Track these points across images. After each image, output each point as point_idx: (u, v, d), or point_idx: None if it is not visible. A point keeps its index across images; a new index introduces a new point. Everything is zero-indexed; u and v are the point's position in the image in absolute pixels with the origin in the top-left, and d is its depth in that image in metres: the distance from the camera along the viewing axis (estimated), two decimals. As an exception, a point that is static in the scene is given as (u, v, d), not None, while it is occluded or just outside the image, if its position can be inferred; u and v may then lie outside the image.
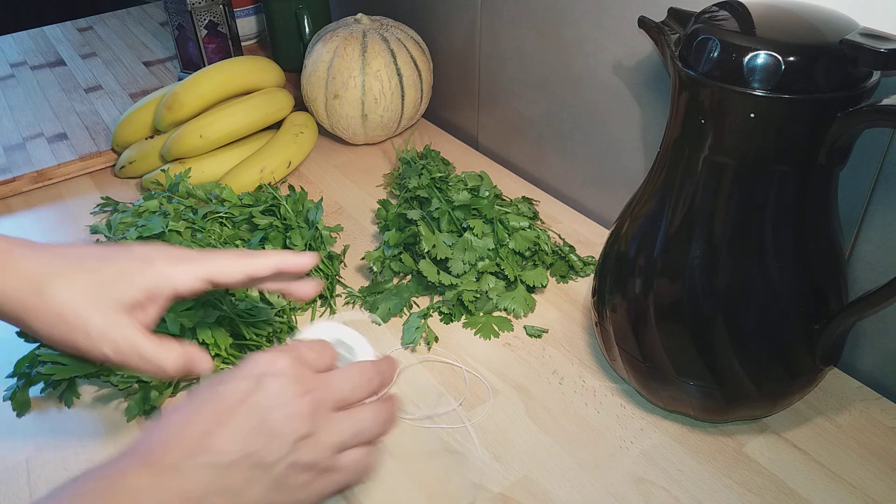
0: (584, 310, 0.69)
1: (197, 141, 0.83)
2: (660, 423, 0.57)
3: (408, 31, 0.93)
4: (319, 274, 0.69)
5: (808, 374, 0.53)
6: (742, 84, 0.44)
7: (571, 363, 0.63)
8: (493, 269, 0.68)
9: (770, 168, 0.46)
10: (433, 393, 0.60)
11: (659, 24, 0.52)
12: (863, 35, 0.43)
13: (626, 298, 0.54)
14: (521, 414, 0.58)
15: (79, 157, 0.92)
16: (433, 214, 0.71)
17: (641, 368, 0.55)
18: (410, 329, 0.65)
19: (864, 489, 0.52)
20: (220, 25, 1.04)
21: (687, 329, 0.51)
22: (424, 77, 0.92)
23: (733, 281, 0.49)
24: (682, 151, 0.49)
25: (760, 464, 0.54)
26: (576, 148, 0.82)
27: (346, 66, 0.87)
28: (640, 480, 0.53)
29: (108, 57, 1.22)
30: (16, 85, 1.13)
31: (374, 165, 0.93)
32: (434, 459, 0.55)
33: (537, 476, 0.54)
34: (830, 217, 0.50)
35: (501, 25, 0.86)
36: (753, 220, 0.48)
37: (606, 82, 0.75)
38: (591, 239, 0.78)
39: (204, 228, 0.69)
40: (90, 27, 1.36)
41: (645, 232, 0.53)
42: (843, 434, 0.56)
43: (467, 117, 0.99)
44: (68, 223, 0.83)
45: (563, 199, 0.85)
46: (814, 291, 0.50)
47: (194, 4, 1.00)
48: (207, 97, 0.86)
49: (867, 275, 0.58)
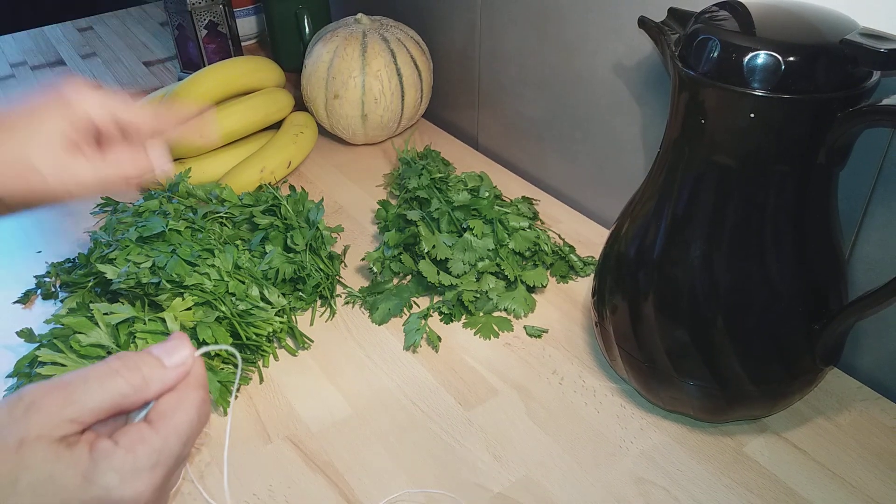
0: (584, 310, 0.69)
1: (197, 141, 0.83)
2: (660, 423, 0.57)
3: (408, 31, 0.93)
4: (320, 274, 0.69)
5: (808, 374, 0.53)
6: (742, 84, 0.44)
7: (571, 363, 0.63)
8: (493, 270, 0.68)
9: (770, 168, 0.46)
10: (431, 391, 0.60)
11: (659, 24, 0.52)
12: (863, 35, 0.43)
13: (626, 298, 0.54)
14: (521, 414, 0.58)
15: (79, 157, 0.92)
16: (433, 215, 0.71)
17: (641, 368, 0.55)
18: (411, 331, 0.65)
19: (864, 489, 0.52)
20: (220, 25, 1.04)
21: (687, 329, 0.51)
22: (424, 77, 0.92)
23: (733, 281, 0.49)
24: (682, 151, 0.49)
25: (760, 464, 0.54)
26: (576, 148, 0.82)
27: (346, 66, 0.87)
28: (640, 480, 0.53)
29: (108, 57, 1.22)
30: (16, 85, 1.13)
31: (374, 165, 0.92)
32: None
33: (537, 476, 0.54)
34: (830, 217, 0.50)
35: (501, 25, 0.86)
36: (753, 220, 0.48)
37: (606, 82, 0.75)
38: (591, 239, 0.78)
39: (204, 228, 0.69)
40: (90, 27, 1.36)
41: (645, 232, 0.53)
42: (843, 434, 0.56)
43: (467, 117, 0.99)
44: (68, 223, 0.83)
45: (564, 199, 0.85)
46: (814, 291, 0.50)
47: (194, 4, 1.00)
48: (207, 97, 0.86)
49: (867, 275, 0.58)
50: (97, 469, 0.33)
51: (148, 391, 0.36)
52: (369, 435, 0.57)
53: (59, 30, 1.35)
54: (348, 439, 0.57)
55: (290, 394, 0.61)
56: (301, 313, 0.69)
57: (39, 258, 0.77)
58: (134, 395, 0.35)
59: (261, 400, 0.60)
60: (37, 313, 0.70)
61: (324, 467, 0.55)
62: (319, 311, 0.69)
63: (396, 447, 0.56)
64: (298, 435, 0.57)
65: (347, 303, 0.70)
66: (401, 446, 0.56)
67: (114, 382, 0.35)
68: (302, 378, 0.62)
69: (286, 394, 0.61)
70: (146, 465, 0.34)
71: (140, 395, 0.36)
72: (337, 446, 0.56)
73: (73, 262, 0.72)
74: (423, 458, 0.55)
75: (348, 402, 0.60)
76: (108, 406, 0.35)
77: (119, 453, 0.34)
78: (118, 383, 0.35)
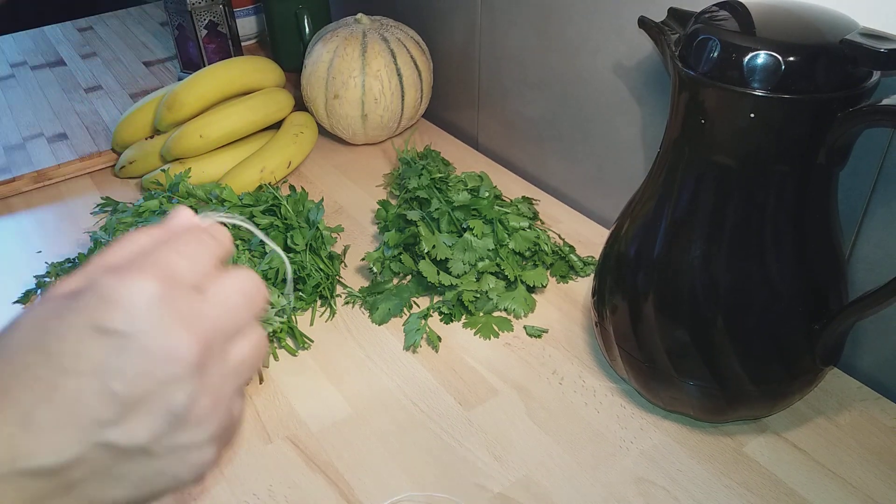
0: (584, 310, 0.69)
1: (197, 141, 0.83)
2: (660, 423, 0.57)
3: (408, 31, 0.93)
4: (320, 274, 0.69)
5: (808, 374, 0.53)
6: (742, 84, 0.44)
7: (571, 363, 0.63)
8: (493, 270, 0.68)
9: (770, 168, 0.46)
10: (431, 391, 0.60)
11: (659, 24, 0.52)
12: (863, 35, 0.43)
13: (626, 298, 0.54)
14: (521, 414, 0.58)
15: (79, 158, 0.92)
16: (433, 215, 0.71)
17: (641, 368, 0.55)
18: (411, 331, 0.65)
19: (864, 489, 0.52)
20: (220, 25, 1.04)
21: (687, 329, 0.51)
22: (424, 77, 0.92)
23: (733, 281, 0.49)
24: (682, 151, 0.49)
25: (760, 464, 0.54)
26: (576, 148, 0.82)
27: (346, 66, 0.87)
28: (640, 480, 0.53)
29: (108, 57, 1.22)
30: (16, 85, 1.13)
31: (374, 165, 0.92)
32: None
33: (537, 476, 0.54)
34: (830, 217, 0.50)
35: (502, 25, 0.86)
36: (753, 220, 0.48)
37: (606, 82, 0.75)
38: (591, 239, 0.78)
39: (204, 228, 0.69)
40: (90, 27, 1.36)
41: (645, 232, 0.53)
42: (843, 434, 0.56)
43: (467, 117, 0.99)
44: (68, 223, 0.83)
45: (564, 199, 0.85)
46: (814, 291, 0.50)
47: (194, 4, 1.00)
48: (207, 97, 0.86)
49: (867, 275, 0.58)
50: (88, 281, 0.29)
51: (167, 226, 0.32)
52: (369, 435, 0.57)
53: (59, 30, 1.35)
54: (348, 439, 0.57)
55: (290, 394, 0.61)
56: (301, 313, 0.69)
57: (39, 258, 0.77)
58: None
59: (261, 400, 0.60)
60: (37, 313, 0.70)
61: (324, 467, 0.55)
62: (319, 311, 0.69)
63: (396, 447, 0.56)
64: (298, 435, 0.57)
65: (347, 303, 0.70)
66: (401, 446, 0.56)
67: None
68: (302, 378, 0.62)
69: (286, 394, 0.61)
70: (139, 264, 0.29)
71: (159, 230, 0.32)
72: (337, 446, 0.56)
73: (73, 262, 0.72)
74: (422, 458, 0.55)
75: (348, 402, 0.60)
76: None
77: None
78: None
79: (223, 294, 0.31)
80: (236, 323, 0.31)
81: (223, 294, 0.31)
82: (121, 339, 0.27)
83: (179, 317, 0.28)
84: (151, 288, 0.28)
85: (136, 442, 0.28)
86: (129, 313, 0.28)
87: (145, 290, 0.28)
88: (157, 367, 0.28)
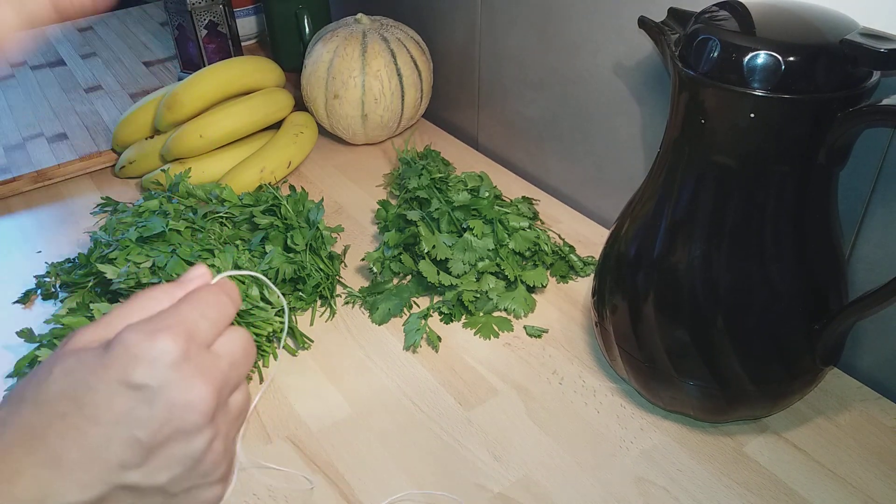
0: (584, 310, 0.69)
1: (197, 141, 0.83)
2: (660, 423, 0.57)
3: (408, 31, 0.93)
4: (320, 274, 0.69)
5: (808, 374, 0.53)
6: (742, 84, 0.44)
7: (571, 363, 0.63)
8: (493, 270, 0.68)
9: (770, 168, 0.46)
10: (431, 391, 0.60)
11: (659, 24, 0.52)
12: (863, 35, 0.43)
13: (626, 298, 0.54)
14: (521, 414, 0.58)
15: (79, 157, 0.92)
16: (433, 215, 0.71)
17: (641, 368, 0.55)
18: (411, 331, 0.65)
19: (864, 489, 0.52)
20: (220, 25, 1.04)
21: (687, 329, 0.51)
22: (424, 77, 0.92)
23: (733, 281, 0.49)
24: (682, 151, 0.49)
25: (760, 464, 0.54)
26: (576, 148, 0.82)
27: (346, 66, 0.87)
28: (640, 480, 0.53)
29: (108, 57, 1.22)
30: (16, 85, 1.13)
31: (374, 165, 0.92)
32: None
33: (537, 476, 0.54)
34: (830, 217, 0.50)
35: (502, 25, 0.86)
36: (753, 220, 0.48)
37: (606, 82, 0.75)
38: (591, 239, 0.78)
39: (204, 228, 0.69)
40: (90, 27, 1.36)
41: (645, 232, 0.53)
42: (843, 434, 0.56)
43: (467, 117, 0.99)
44: (68, 223, 0.83)
45: (564, 199, 0.85)
46: (814, 291, 0.50)
47: (194, 4, 1.00)
48: (207, 97, 0.86)
49: (867, 275, 0.58)
50: (116, 337, 0.32)
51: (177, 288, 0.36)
52: (369, 435, 0.57)
53: (59, 30, 1.35)
54: (348, 439, 0.57)
55: (290, 394, 0.61)
56: (301, 313, 0.69)
57: (39, 258, 0.77)
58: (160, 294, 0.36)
59: (261, 400, 0.60)
60: (37, 313, 0.70)
61: (324, 467, 0.55)
62: (319, 311, 0.69)
63: (396, 447, 0.56)
64: (298, 435, 0.57)
65: (347, 303, 0.70)
66: (401, 446, 0.56)
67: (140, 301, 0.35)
68: (302, 378, 0.62)
69: (286, 394, 0.61)
70: (163, 324, 0.32)
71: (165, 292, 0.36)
72: (337, 446, 0.56)
73: (72, 262, 0.72)
74: (422, 458, 0.55)
75: (348, 402, 0.60)
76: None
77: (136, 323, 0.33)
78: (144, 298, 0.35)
79: (230, 350, 0.35)
80: (239, 376, 0.35)
81: (230, 350, 0.35)
82: (147, 392, 0.31)
83: (199, 372, 0.32)
84: (176, 346, 0.32)
85: (156, 483, 0.32)
86: (155, 369, 0.31)
87: (170, 349, 0.32)
88: (178, 417, 0.32)
